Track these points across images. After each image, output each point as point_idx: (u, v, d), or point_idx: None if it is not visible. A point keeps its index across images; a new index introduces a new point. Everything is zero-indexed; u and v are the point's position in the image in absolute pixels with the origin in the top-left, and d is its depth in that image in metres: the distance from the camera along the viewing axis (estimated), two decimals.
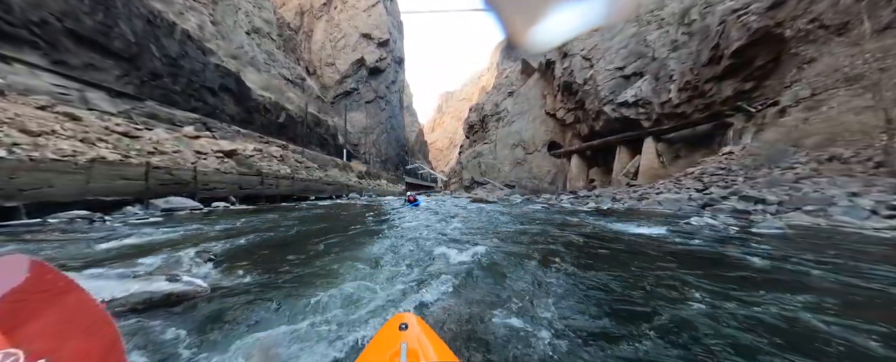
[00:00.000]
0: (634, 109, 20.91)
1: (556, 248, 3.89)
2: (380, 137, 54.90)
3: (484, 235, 4.97)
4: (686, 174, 13.56)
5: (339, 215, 8.27)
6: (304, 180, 13.52)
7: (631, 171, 19.94)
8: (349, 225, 6.35)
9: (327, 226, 6.22)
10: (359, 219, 7.15)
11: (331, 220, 7.06)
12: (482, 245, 4.00)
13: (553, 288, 2.41)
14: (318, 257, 3.58)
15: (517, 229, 5.65)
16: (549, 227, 5.72)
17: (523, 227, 5.79)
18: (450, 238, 4.67)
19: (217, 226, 5.79)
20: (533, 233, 5.05)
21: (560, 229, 5.56)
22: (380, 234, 5.26)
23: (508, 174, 29.68)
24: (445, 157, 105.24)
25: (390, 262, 3.32)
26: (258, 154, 12.32)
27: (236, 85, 19.91)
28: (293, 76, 35.01)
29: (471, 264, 3.11)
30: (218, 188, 8.79)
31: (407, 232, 5.39)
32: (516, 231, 5.50)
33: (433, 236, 4.88)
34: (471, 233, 5.12)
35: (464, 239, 4.64)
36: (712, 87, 16.71)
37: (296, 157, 14.92)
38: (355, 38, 53.26)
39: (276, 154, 13.53)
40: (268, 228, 5.65)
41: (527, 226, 6.03)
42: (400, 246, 4.22)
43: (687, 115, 18.22)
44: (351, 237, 5.00)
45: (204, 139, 9.88)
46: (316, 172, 15.58)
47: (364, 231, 5.61)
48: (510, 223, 6.29)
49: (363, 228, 5.91)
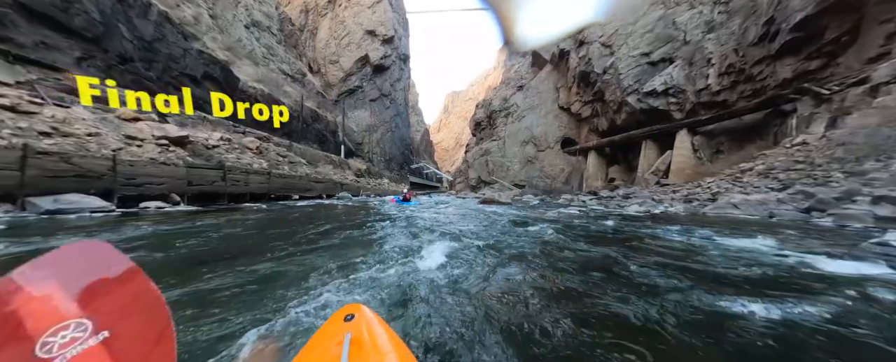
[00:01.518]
0: (664, 99, 18.25)
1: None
2: (384, 136, 52.84)
3: (543, 278, 2.61)
4: (743, 171, 10.95)
5: (304, 220, 6.01)
6: (286, 177, 11.36)
7: (660, 169, 17.28)
8: (294, 238, 4.09)
9: (254, 243, 3.96)
10: (321, 229, 4.90)
11: (284, 227, 4.85)
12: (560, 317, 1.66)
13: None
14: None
15: (584, 255, 3.25)
16: (639, 255, 3.29)
17: (589, 253, 3.38)
18: (458, 288, 2.33)
19: (102, 236, 3.60)
20: (638, 274, 2.61)
21: (666, 256, 3.13)
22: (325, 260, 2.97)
23: (518, 173, 27.18)
24: (451, 158, 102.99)
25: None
26: (225, 144, 10.21)
27: (223, 74, 17.94)
28: (293, 71, 33.20)
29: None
30: (152, 183, 6.63)
31: (384, 257, 3.07)
32: (591, 261, 3.11)
33: (429, 277, 2.56)
34: (506, 275, 2.77)
35: (497, 295, 2.30)
36: (764, 70, 14.00)
37: (278, 151, 12.81)
38: (360, 35, 51.43)
39: (250, 145, 11.40)
40: (170, 244, 3.43)
41: (592, 247, 3.63)
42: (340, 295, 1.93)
43: (729, 104, 15.52)
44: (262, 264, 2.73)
45: (145, 122, 7.76)
46: (302, 168, 13.40)
47: (307, 250, 3.33)
48: (559, 241, 3.92)
49: (313, 245, 3.63)
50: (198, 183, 7.56)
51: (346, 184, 17.40)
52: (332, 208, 8.70)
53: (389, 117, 54.56)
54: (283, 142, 14.92)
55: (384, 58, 51.79)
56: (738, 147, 14.59)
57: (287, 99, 24.62)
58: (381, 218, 6.26)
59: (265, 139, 12.71)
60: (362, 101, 50.73)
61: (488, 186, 26.97)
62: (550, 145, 27.08)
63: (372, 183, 25.68)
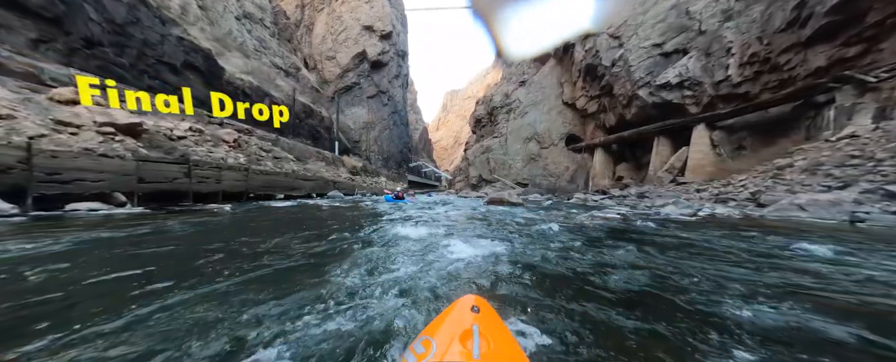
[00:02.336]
0: (678, 92, 17.03)
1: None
2: (382, 134, 51.39)
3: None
4: (780, 168, 9.72)
5: (270, 228, 4.72)
6: (268, 173, 10.01)
7: (675, 167, 16.07)
8: (237, 258, 2.82)
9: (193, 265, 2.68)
10: (286, 239, 3.63)
11: (240, 235, 3.56)
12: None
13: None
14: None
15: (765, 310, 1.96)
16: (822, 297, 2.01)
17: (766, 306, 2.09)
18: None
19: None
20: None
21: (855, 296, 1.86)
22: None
23: (521, 171, 25.94)
24: (450, 156, 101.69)
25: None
26: (195, 136, 8.82)
27: (205, 63, 16.48)
28: (287, 65, 31.73)
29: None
30: (86, 180, 5.27)
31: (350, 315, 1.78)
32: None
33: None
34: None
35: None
36: (792, 58, 12.79)
37: (261, 145, 11.41)
38: (357, 31, 49.91)
39: (227, 138, 9.99)
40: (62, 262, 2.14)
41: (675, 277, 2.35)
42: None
43: (752, 96, 14.32)
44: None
45: (86, 106, 6.38)
46: (288, 164, 12.02)
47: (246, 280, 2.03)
48: (666, 271, 2.61)
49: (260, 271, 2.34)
50: (152, 179, 6.21)
51: (340, 182, 16.05)
52: (315, 209, 7.37)
53: (387, 115, 53.15)
54: (268, 135, 13.57)
55: (382, 54, 50.33)
56: (764, 142, 13.39)
57: (278, 93, 23.20)
58: (366, 224, 4.95)
59: (246, 132, 11.36)
60: (360, 98, 49.28)
61: (490, 185, 25.70)
62: (554, 142, 25.85)
63: (368, 181, 24.30)
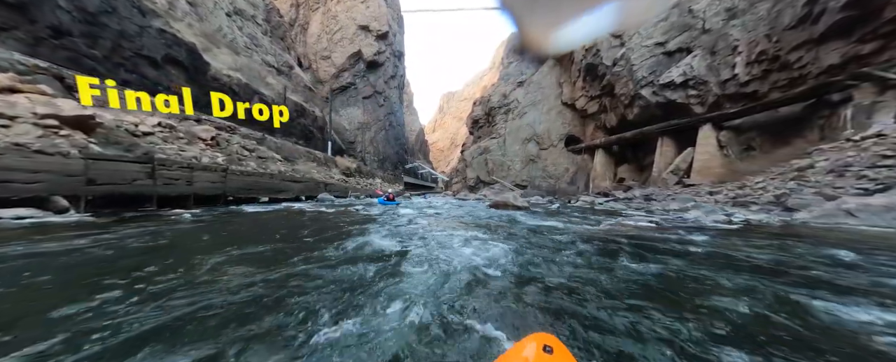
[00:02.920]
0: (682, 91, 16.50)
1: None
2: (378, 135, 50.41)
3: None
4: (800, 169, 9.10)
5: (228, 239, 3.88)
6: (251, 175, 9.09)
7: (681, 168, 15.48)
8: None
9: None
10: (250, 257, 2.80)
11: (187, 252, 2.73)
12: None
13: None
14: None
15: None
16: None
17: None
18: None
19: None
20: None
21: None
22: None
23: (519, 173, 25.25)
24: (446, 158, 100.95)
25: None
26: (164, 132, 7.87)
27: (189, 58, 15.46)
28: (279, 63, 30.70)
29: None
30: (15, 181, 4.35)
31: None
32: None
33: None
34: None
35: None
36: (803, 56, 12.28)
37: (245, 144, 10.43)
38: (353, 30, 49.03)
39: (203, 135, 9.03)
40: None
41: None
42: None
43: (760, 95, 13.80)
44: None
45: (27, 94, 5.44)
46: (274, 165, 11.09)
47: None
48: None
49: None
50: (106, 181, 5.29)
51: (332, 183, 15.12)
52: (296, 216, 6.48)
53: (383, 115, 52.25)
54: (253, 134, 12.57)
55: (378, 54, 49.50)
56: (775, 143, 12.84)
57: (269, 91, 22.21)
58: (345, 237, 4.11)
59: (228, 129, 10.40)
60: (355, 99, 48.33)
61: (488, 187, 24.95)
62: (553, 143, 25.22)
63: (363, 182, 23.36)
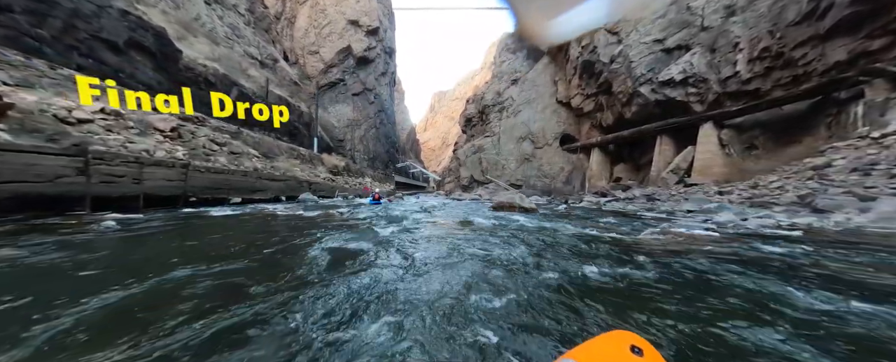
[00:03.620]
0: (682, 89, 16.05)
1: None
2: (368, 133, 48.90)
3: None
4: (815, 168, 8.56)
5: (146, 265, 2.79)
6: (219, 172, 7.89)
7: (682, 167, 15.00)
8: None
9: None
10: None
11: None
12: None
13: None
14: None
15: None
16: None
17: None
18: None
19: None
20: None
21: None
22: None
23: (514, 172, 24.52)
24: (437, 157, 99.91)
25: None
26: (107, 120, 6.56)
27: (157, 43, 13.92)
28: (263, 56, 29.02)
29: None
30: None
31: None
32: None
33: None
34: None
35: None
36: (809, 52, 11.89)
37: (214, 137, 9.13)
38: (342, 25, 47.33)
39: (160, 125, 7.74)
40: None
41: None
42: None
43: (762, 93, 13.41)
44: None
45: None
46: (249, 162, 9.85)
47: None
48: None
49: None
50: (12, 178, 4.11)
51: (317, 182, 13.91)
52: (265, 222, 5.34)
53: (373, 113, 50.78)
54: (227, 126, 11.20)
55: (368, 50, 47.99)
56: (778, 141, 12.44)
57: (250, 83, 20.69)
58: (313, 258, 3.07)
59: (196, 120, 9.10)
60: (344, 95, 46.71)
61: (483, 186, 24.11)
62: (549, 142, 24.61)
63: (351, 182, 22.10)
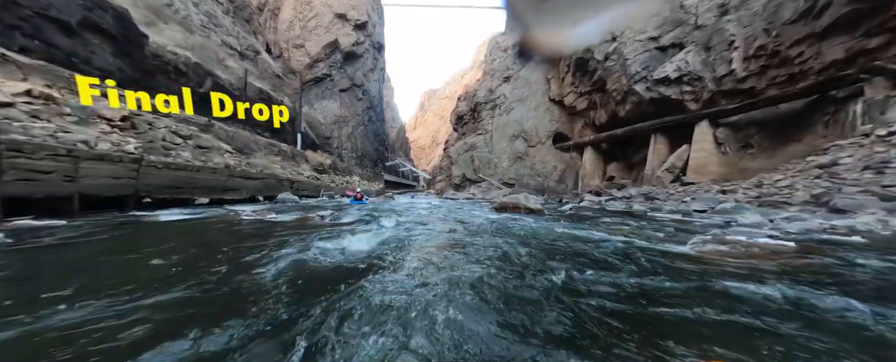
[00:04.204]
0: (677, 87, 15.86)
1: None
2: (356, 130, 47.41)
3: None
4: (821, 167, 8.30)
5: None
6: (182, 168, 6.83)
7: (677, 166, 14.79)
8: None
9: None
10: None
11: None
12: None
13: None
14: None
15: None
16: None
17: None
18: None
19: None
20: None
21: None
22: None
23: (507, 170, 24.01)
24: (427, 156, 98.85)
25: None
26: (36, 104, 5.38)
27: (118, 26, 12.44)
28: (243, 47, 27.29)
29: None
30: None
31: None
32: None
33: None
34: None
35: None
36: (805, 51, 11.78)
37: (177, 129, 7.94)
38: (329, 19, 45.60)
39: (108, 114, 6.56)
40: None
41: None
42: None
43: (757, 91, 13.29)
44: None
45: None
46: (219, 158, 8.76)
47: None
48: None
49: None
50: None
51: (300, 181, 12.85)
52: (224, 229, 4.35)
53: (362, 110, 49.29)
54: (196, 118, 9.93)
55: (356, 44, 46.46)
56: (773, 140, 12.32)
57: (227, 74, 19.22)
58: (265, 294, 2.23)
59: (154, 110, 7.91)
60: (331, 91, 45.05)
61: (475, 185, 23.47)
62: (542, 140, 24.21)
63: (338, 180, 20.97)
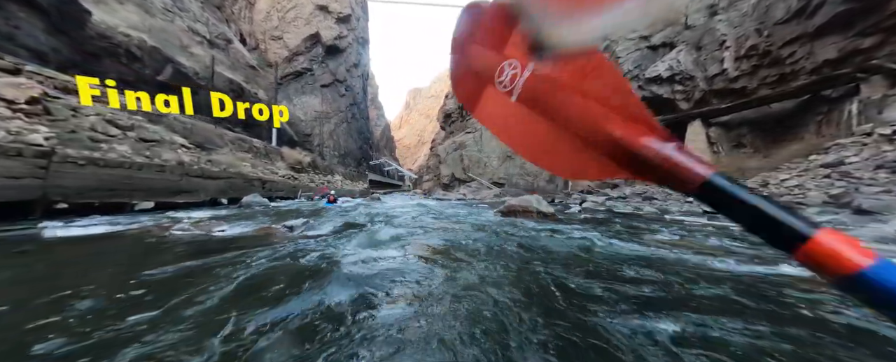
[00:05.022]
0: (669, 86, 15.67)
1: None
2: (338, 127, 45.32)
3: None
4: (827, 166, 8.00)
5: None
6: (114, 165, 5.42)
7: None
8: None
9: None
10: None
11: None
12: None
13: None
14: None
15: None
16: None
17: None
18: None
19: None
20: None
21: None
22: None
23: (497, 170, 23.31)
24: (413, 155, 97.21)
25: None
26: None
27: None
28: (213, 35, 24.98)
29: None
30: None
31: None
32: None
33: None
34: None
35: None
36: (797, 51, 11.71)
37: (113, 117, 6.39)
38: (309, 10, 43.27)
39: (9, 95, 5.03)
40: None
41: None
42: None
43: (749, 91, 13.20)
44: None
45: None
46: (171, 153, 7.28)
47: None
48: None
49: None
50: None
51: (273, 181, 11.39)
52: (131, 254, 3.07)
53: (345, 106, 47.23)
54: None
55: (339, 38, 44.38)
56: (766, 139, 12.22)
57: (191, 62, 17.22)
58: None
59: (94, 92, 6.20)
60: (312, 86, 42.77)
61: (465, 185, 22.59)
62: None
63: (318, 180, 19.43)
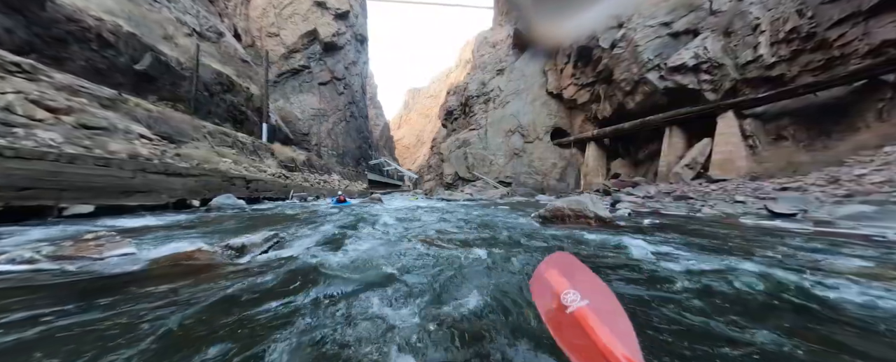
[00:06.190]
0: (694, 76, 14.31)
1: None
2: (336, 126, 43.82)
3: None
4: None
5: None
6: (32, 157, 4.05)
7: (698, 161, 13.20)
8: None
9: None
10: None
11: None
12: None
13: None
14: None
15: None
16: None
17: None
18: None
19: None
20: None
21: None
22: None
23: (503, 168, 21.92)
24: (412, 155, 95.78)
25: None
26: None
27: None
28: (203, 27, 23.42)
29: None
30: None
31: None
32: None
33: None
34: None
35: None
36: (848, 32, 10.37)
37: (41, 96, 5.05)
38: (307, 6, 41.78)
39: None
40: None
41: None
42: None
43: (787, 79, 11.86)
44: None
45: None
46: (124, 144, 5.84)
47: None
48: None
49: None
50: None
51: (260, 180, 9.97)
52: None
53: (343, 105, 45.71)
54: (92, 87, 6.73)
55: (337, 35, 42.87)
56: (810, 130, 10.88)
57: (175, 52, 15.73)
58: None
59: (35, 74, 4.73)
60: (310, 84, 41.26)
61: (469, 184, 21.18)
62: (539, 136, 22.32)
63: (313, 179, 17.96)
